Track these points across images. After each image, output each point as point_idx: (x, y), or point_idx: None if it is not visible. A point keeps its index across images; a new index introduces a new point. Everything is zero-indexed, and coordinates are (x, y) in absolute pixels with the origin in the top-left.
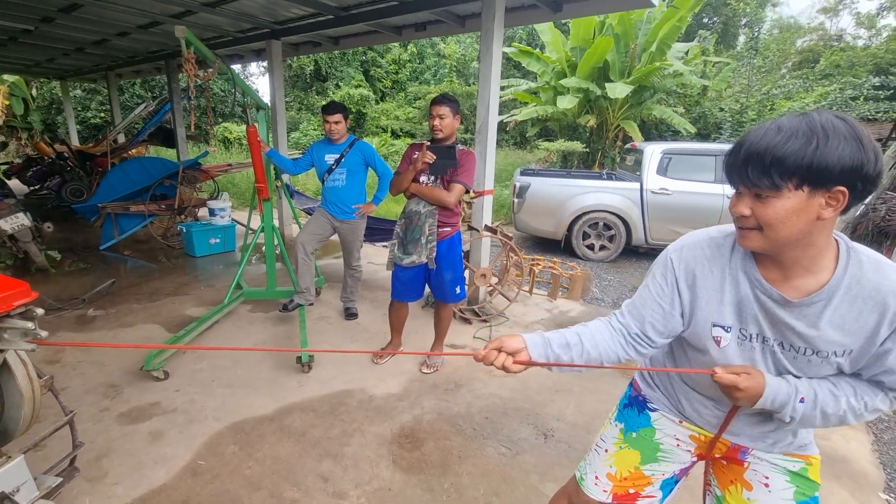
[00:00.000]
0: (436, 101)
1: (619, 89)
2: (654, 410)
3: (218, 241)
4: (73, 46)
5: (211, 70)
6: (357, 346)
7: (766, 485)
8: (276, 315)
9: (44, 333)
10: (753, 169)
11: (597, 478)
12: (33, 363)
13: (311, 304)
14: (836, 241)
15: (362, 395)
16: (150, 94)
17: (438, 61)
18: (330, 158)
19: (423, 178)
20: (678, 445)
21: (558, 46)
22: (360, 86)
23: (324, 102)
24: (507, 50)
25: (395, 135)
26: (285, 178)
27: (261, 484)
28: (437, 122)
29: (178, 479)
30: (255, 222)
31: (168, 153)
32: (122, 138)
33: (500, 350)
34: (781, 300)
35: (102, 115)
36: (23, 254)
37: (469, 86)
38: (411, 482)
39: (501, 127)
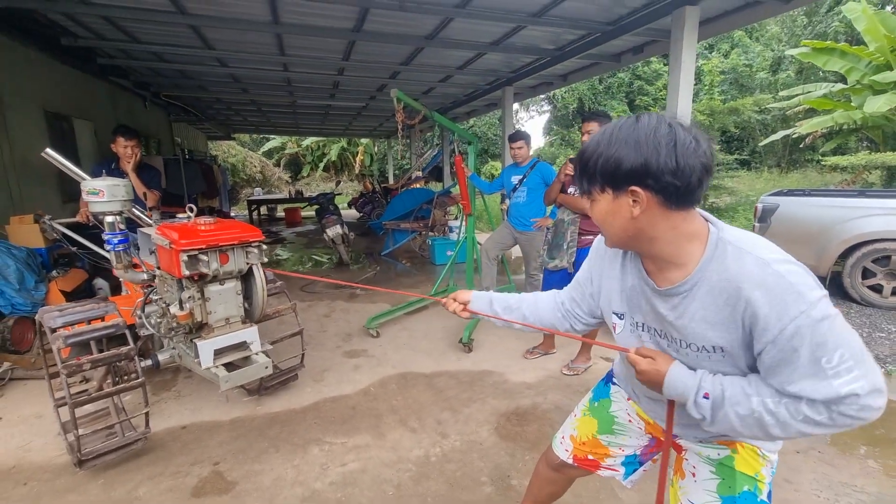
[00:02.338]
0: (586, 119)
1: None
2: (615, 384)
3: (451, 252)
4: (389, 114)
5: (418, 117)
6: (519, 343)
7: (693, 475)
8: None
9: (265, 259)
10: (575, 176)
11: (563, 438)
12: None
13: None
14: (710, 231)
15: (500, 377)
16: (439, 143)
17: (712, 79)
18: (515, 179)
19: (570, 189)
20: (630, 421)
21: (877, 33)
22: (621, 116)
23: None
24: (795, 52)
25: None
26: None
27: (398, 411)
28: (586, 137)
29: (356, 394)
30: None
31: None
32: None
33: (455, 300)
34: (654, 289)
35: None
36: (338, 254)
37: (740, 98)
38: (500, 445)
39: (791, 144)
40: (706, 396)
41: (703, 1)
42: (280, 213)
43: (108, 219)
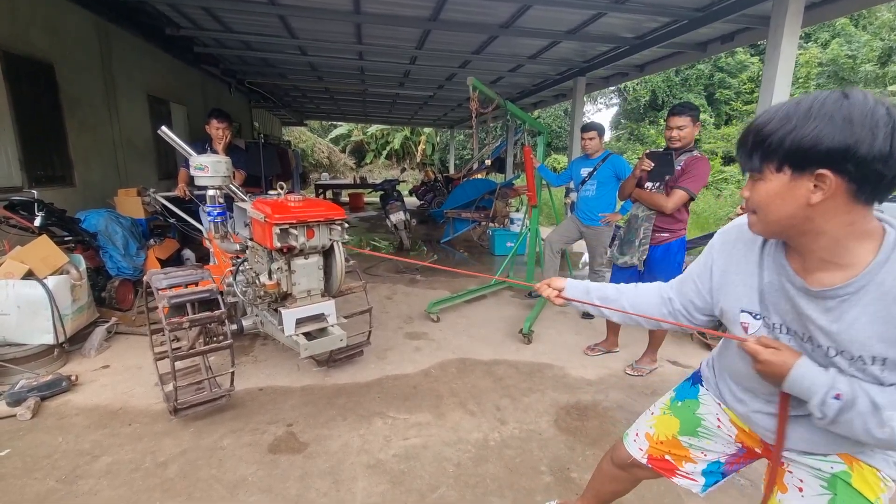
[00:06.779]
0: (674, 112)
1: None
2: (703, 386)
3: (512, 244)
4: (455, 104)
5: (491, 106)
6: (579, 338)
7: (800, 489)
8: (526, 301)
9: (347, 238)
10: (743, 150)
11: (637, 435)
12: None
13: None
14: (885, 232)
15: (560, 371)
16: (502, 134)
17: (808, 72)
18: (584, 171)
19: (647, 185)
20: (719, 427)
21: None
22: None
23: (653, 131)
24: None
25: (729, 160)
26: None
27: (457, 394)
28: (674, 132)
29: (416, 374)
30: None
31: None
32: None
33: (549, 286)
34: (803, 288)
35: (471, 152)
36: (399, 239)
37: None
38: (560, 438)
39: None
40: (837, 397)
41: None
42: (345, 198)
43: (210, 192)
